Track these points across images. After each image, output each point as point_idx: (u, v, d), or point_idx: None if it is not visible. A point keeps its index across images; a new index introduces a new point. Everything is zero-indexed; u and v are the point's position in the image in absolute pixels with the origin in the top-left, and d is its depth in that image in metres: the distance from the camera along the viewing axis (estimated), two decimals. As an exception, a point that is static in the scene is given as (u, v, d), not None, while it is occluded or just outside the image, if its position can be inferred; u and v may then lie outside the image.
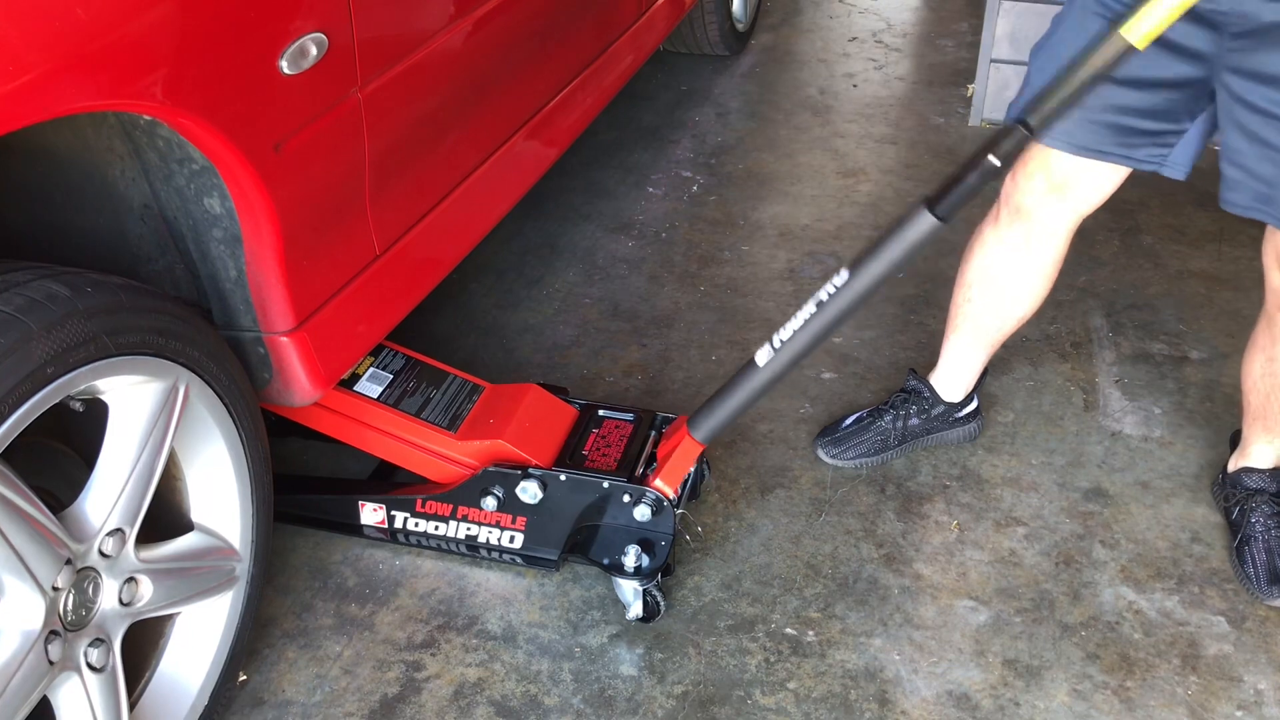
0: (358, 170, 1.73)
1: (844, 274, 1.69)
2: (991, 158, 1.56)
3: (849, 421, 2.31)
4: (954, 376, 2.28)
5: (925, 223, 1.61)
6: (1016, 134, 1.55)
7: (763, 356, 1.78)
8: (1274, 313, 1.92)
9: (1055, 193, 1.94)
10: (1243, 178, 1.76)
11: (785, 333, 1.75)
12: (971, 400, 2.31)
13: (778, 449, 2.33)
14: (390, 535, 2.05)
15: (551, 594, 1.99)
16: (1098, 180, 1.92)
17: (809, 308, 1.72)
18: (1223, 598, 1.99)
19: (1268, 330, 1.95)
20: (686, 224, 3.15)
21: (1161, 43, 1.69)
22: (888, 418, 2.28)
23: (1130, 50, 1.46)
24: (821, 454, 2.28)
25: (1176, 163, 1.85)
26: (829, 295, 1.70)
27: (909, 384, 2.32)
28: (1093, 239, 3.04)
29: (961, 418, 2.31)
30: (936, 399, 2.28)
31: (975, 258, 2.13)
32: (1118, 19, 1.71)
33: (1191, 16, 1.65)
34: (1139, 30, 1.45)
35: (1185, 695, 1.82)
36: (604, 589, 1.98)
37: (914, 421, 2.28)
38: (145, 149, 1.50)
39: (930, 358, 2.55)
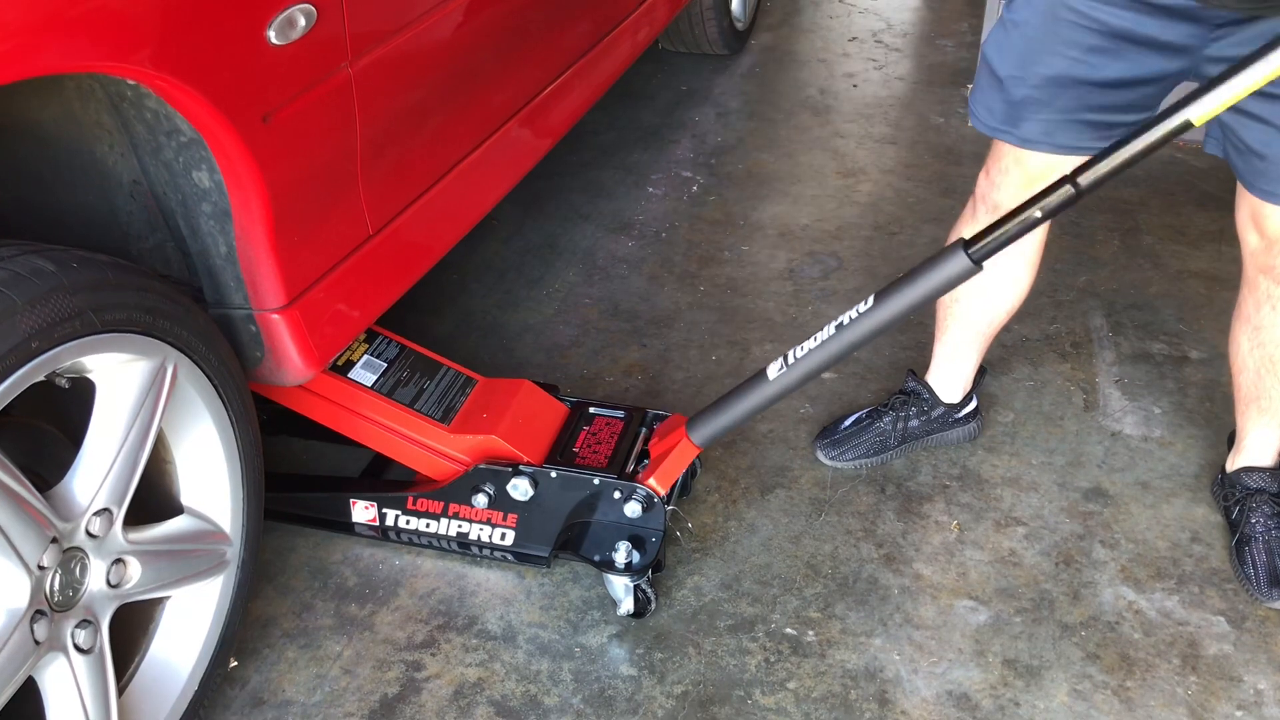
0: (349, 146, 1.72)
1: (869, 301, 1.70)
2: (1036, 211, 1.59)
3: (848, 423, 2.31)
4: (950, 377, 2.28)
5: (959, 263, 1.63)
6: (1063, 190, 1.56)
7: (774, 370, 1.79)
8: (1254, 276, 1.91)
9: (1031, 186, 1.93)
10: (1244, 148, 1.77)
11: (800, 350, 1.76)
12: (971, 400, 2.31)
13: (778, 449, 2.33)
14: (381, 533, 2.05)
15: (551, 594, 1.99)
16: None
17: (828, 329, 1.73)
18: (1223, 598, 1.99)
19: (1250, 297, 1.94)
20: (686, 224, 3.15)
21: (1145, 42, 1.71)
22: (887, 419, 2.28)
23: (1188, 127, 1.48)
24: (821, 455, 2.28)
25: None
26: (850, 320, 1.71)
27: (908, 385, 2.31)
28: (1093, 239, 3.04)
29: (961, 418, 2.31)
30: (936, 400, 2.28)
31: None
32: (1097, 27, 1.71)
33: (1173, 13, 1.66)
34: (1200, 111, 1.47)
35: (1185, 695, 1.82)
36: (604, 589, 1.98)
37: (913, 423, 2.28)
38: (133, 122, 1.49)
39: (930, 358, 2.55)
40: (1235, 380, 2.05)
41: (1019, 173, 1.93)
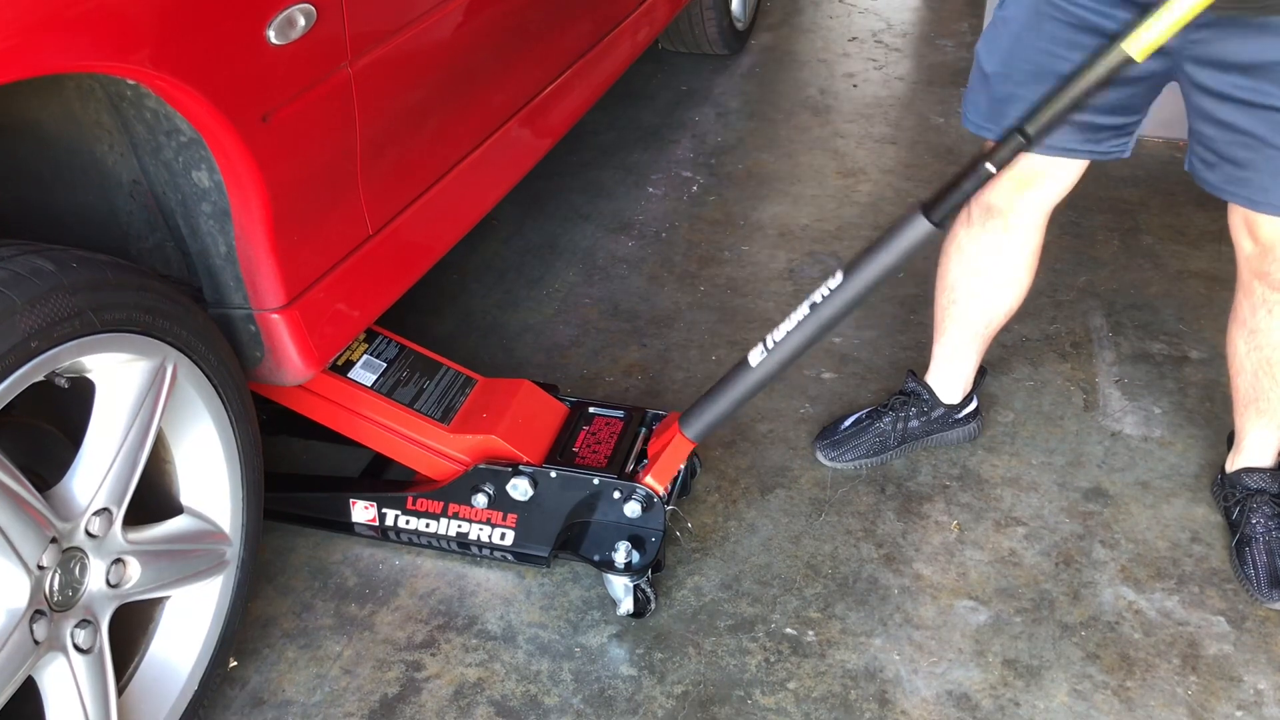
0: (349, 146, 1.72)
1: (839, 276, 1.71)
2: (988, 165, 1.59)
3: (848, 423, 2.31)
4: (949, 378, 2.28)
5: (920, 228, 1.64)
6: (1013, 142, 1.57)
7: (755, 356, 1.80)
8: (1249, 280, 1.91)
9: (1024, 188, 1.96)
10: (1215, 160, 1.78)
11: (779, 334, 1.77)
12: (971, 400, 2.31)
13: (778, 449, 2.33)
14: (381, 533, 2.05)
15: (551, 594, 1.99)
16: (1065, 171, 1.94)
17: (803, 309, 1.74)
18: (1223, 598, 1.99)
19: (1246, 301, 1.94)
20: (686, 224, 3.15)
21: None
22: (887, 419, 2.28)
23: (1129, 63, 1.48)
24: (820, 455, 2.28)
25: (1132, 145, 1.90)
26: (823, 297, 1.72)
27: (908, 386, 2.31)
28: (1093, 239, 3.04)
29: (961, 418, 2.31)
30: (935, 401, 2.28)
31: (952, 261, 2.14)
32: (1077, 23, 1.72)
33: (1150, 9, 1.64)
34: (1139, 44, 1.47)
35: (1185, 695, 1.82)
36: (604, 589, 1.98)
37: (913, 424, 2.28)
38: (133, 122, 1.49)
39: (930, 358, 2.55)
40: (1233, 382, 2.05)
41: (1011, 175, 1.92)
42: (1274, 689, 1.82)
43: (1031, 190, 1.96)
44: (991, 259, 2.08)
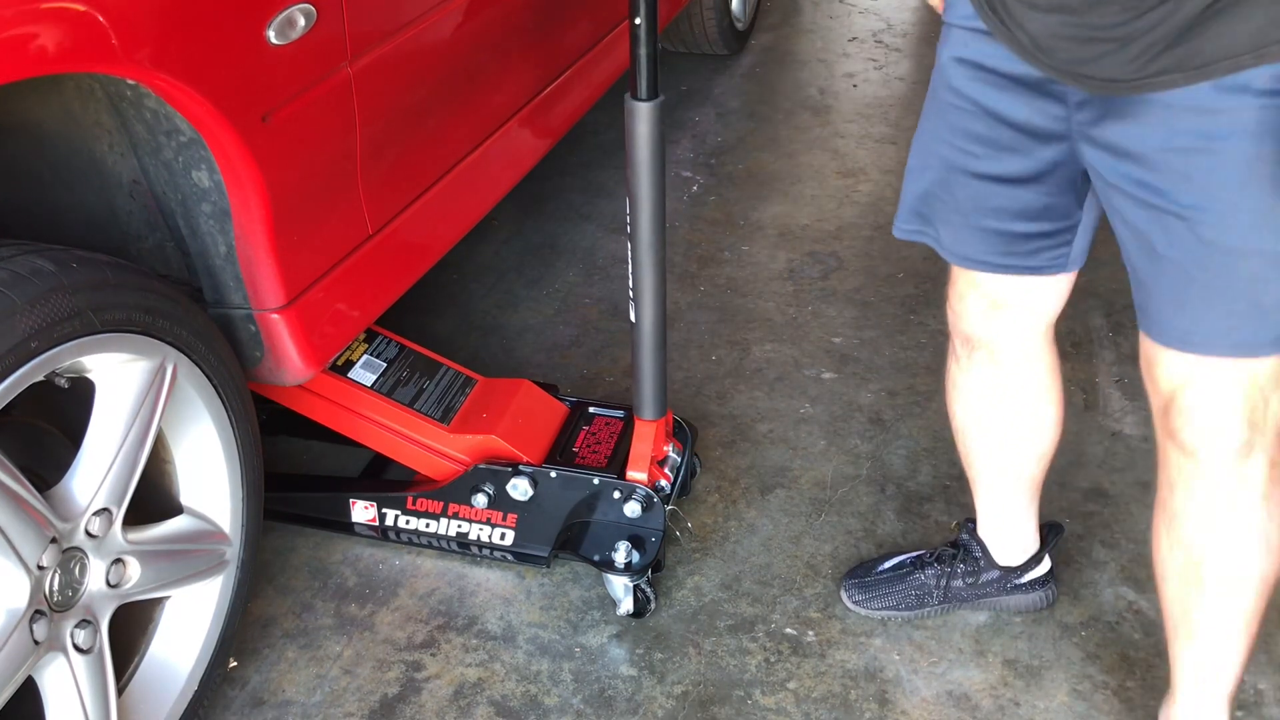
0: (349, 146, 1.73)
1: (627, 202, 1.75)
2: (635, 20, 1.63)
3: (885, 566, 1.98)
4: (1002, 535, 1.91)
5: (643, 110, 1.67)
6: None
7: (633, 313, 1.85)
8: (1164, 446, 1.51)
9: (999, 310, 1.66)
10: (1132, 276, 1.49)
11: (631, 281, 1.81)
12: (1039, 563, 1.93)
13: (778, 449, 2.32)
14: (381, 533, 2.05)
15: (552, 594, 1.99)
16: (1037, 287, 1.64)
17: (630, 248, 1.79)
18: (1223, 598, 1.99)
19: (1164, 476, 1.54)
20: (686, 224, 3.15)
21: (1020, 128, 1.47)
22: (930, 572, 1.94)
23: None
24: (845, 597, 1.96)
25: (1077, 258, 1.62)
26: (629, 225, 1.76)
27: (960, 537, 1.95)
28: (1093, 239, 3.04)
29: (1024, 584, 1.93)
30: (989, 562, 1.92)
31: (955, 406, 1.83)
32: (976, 109, 1.49)
33: (1034, 89, 1.42)
34: None
35: (1185, 695, 1.81)
36: (604, 589, 1.98)
37: (958, 583, 1.93)
38: (133, 121, 1.49)
39: (931, 357, 2.55)
40: (1161, 599, 1.62)
41: (978, 296, 1.66)
42: (1274, 689, 1.82)
43: (1008, 311, 1.66)
44: (992, 400, 1.77)
